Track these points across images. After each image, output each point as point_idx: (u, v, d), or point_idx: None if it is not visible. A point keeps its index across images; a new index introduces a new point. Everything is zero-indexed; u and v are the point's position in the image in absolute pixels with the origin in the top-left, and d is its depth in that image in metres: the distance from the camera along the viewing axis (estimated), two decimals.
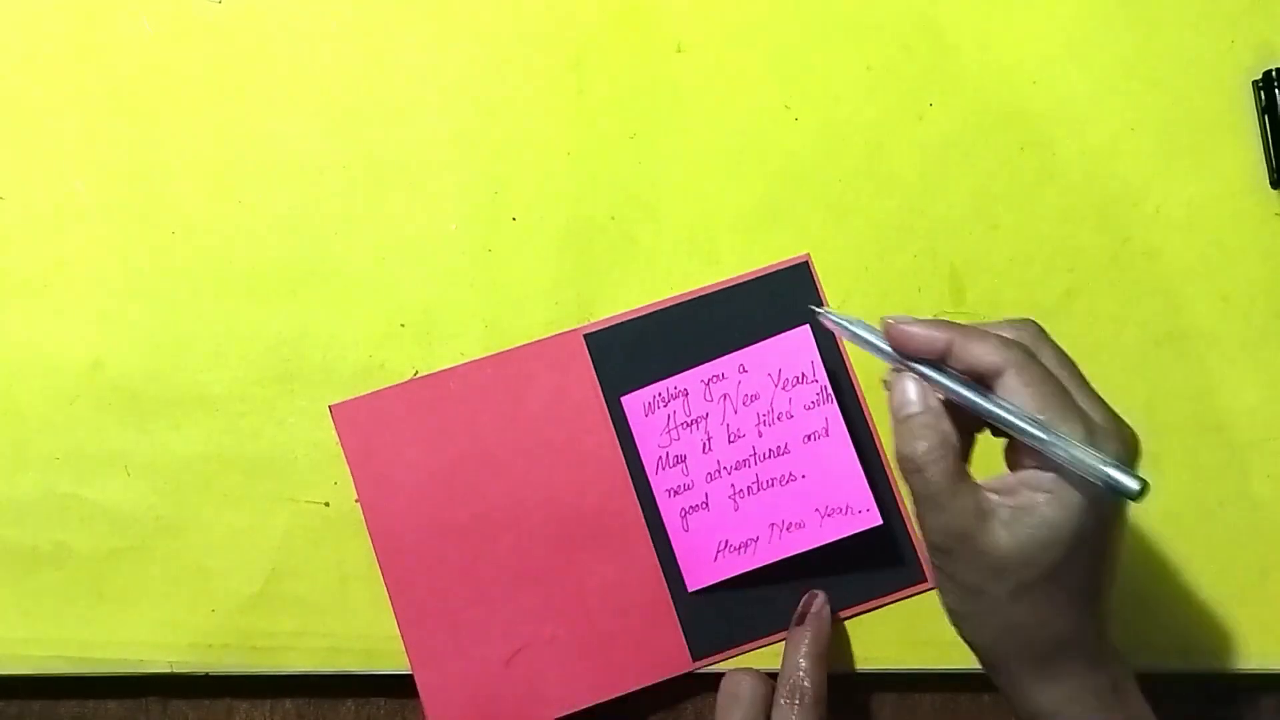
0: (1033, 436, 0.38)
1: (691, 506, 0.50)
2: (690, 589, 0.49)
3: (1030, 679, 0.40)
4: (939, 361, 0.39)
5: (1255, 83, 0.52)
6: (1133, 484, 0.36)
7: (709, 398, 0.50)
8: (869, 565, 0.49)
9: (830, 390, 0.49)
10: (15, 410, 0.50)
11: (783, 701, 0.45)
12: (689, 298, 0.51)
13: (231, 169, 0.52)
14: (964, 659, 0.49)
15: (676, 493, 0.50)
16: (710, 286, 0.51)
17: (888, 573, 0.49)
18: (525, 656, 0.49)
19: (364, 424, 0.50)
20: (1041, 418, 0.37)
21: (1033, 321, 0.40)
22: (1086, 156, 0.52)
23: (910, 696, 0.50)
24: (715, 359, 0.50)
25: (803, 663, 0.46)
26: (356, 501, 0.50)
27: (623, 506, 0.50)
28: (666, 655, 0.49)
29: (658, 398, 0.50)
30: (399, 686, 0.49)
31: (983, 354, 0.38)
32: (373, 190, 0.52)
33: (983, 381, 0.38)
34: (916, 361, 0.39)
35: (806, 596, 0.49)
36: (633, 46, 0.53)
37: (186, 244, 0.51)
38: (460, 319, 0.51)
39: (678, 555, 0.49)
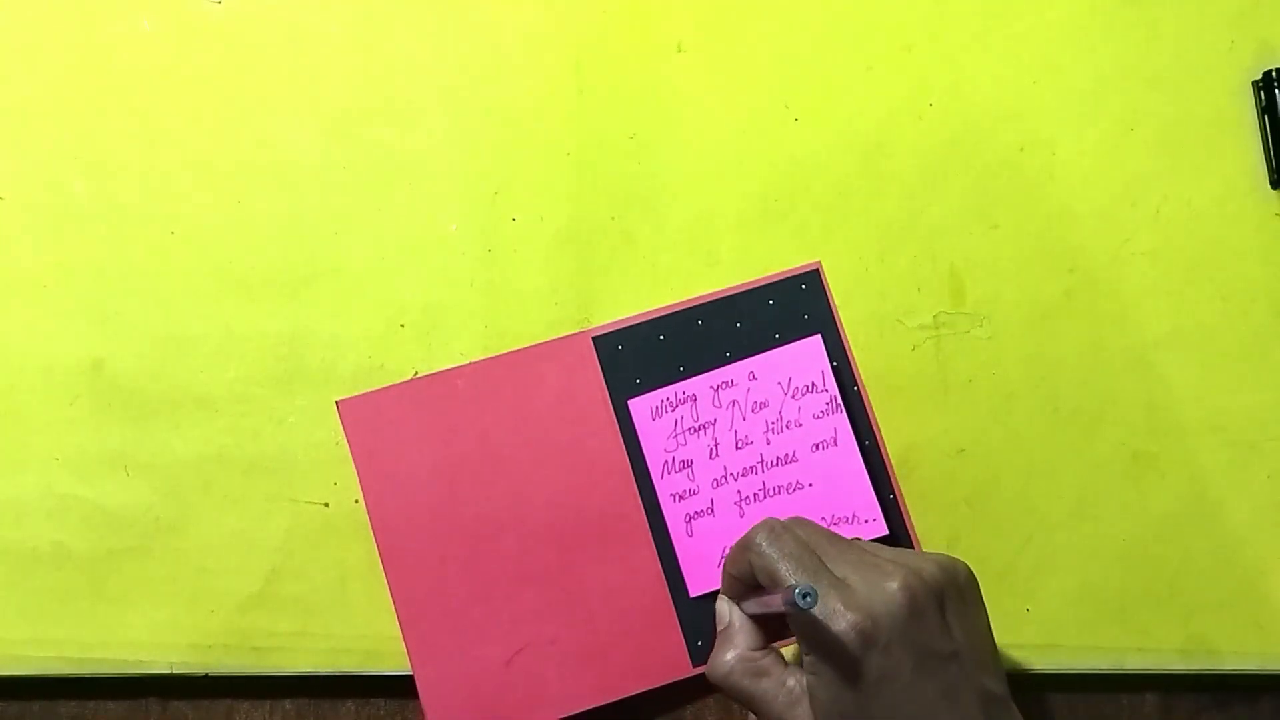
0: (759, 606, 0.41)
1: (697, 512, 0.49)
2: (693, 594, 0.49)
3: None
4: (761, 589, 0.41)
5: (1255, 83, 0.52)
6: (796, 595, 0.35)
7: (718, 404, 0.50)
8: None
9: (840, 400, 0.49)
10: (15, 410, 0.50)
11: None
12: (699, 302, 0.51)
13: (231, 169, 0.52)
14: None
15: (682, 497, 0.50)
16: (721, 291, 0.51)
17: None
18: (525, 657, 0.49)
19: (370, 420, 0.50)
20: (790, 581, 0.39)
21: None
22: (1086, 156, 0.52)
23: None
24: (725, 365, 0.50)
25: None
26: (357, 501, 0.50)
27: (626, 510, 0.50)
28: (666, 659, 0.49)
29: (665, 402, 0.50)
30: (399, 686, 0.49)
31: (735, 555, 0.42)
32: (373, 190, 0.52)
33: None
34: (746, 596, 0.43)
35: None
36: (633, 46, 0.53)
37: (186, 244, 0.51)
38: (460, 319, 0.51)
39: (681, 560, 0.49)
